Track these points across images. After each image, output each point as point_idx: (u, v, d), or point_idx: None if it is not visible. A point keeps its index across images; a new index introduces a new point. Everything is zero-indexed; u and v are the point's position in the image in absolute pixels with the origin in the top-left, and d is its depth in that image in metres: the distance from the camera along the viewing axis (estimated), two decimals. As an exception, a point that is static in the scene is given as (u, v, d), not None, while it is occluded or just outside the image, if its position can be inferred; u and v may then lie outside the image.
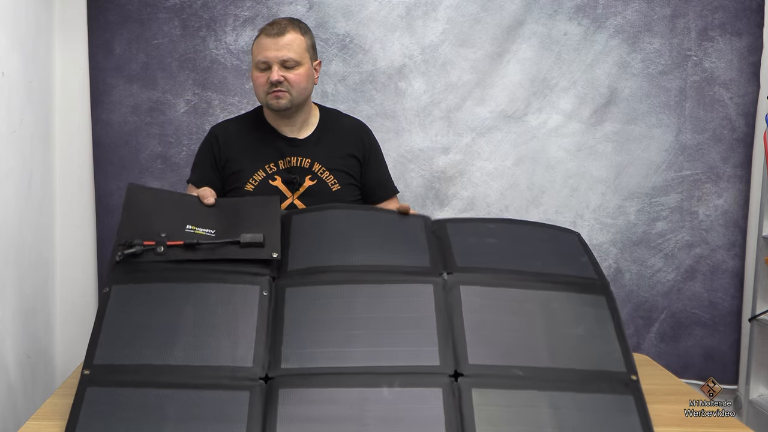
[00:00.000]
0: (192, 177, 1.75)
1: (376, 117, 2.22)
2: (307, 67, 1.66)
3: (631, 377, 1.18)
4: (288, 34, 1.63)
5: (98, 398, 1.12)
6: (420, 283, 1.28)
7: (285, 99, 1.63)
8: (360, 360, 1.16)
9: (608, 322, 1.26)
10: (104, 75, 2.17)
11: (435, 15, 2.22)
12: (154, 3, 2.17)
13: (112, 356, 1.18)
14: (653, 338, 2.28)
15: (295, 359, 1.17)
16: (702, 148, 2.26)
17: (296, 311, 1.24)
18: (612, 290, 1.33)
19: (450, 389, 1.12)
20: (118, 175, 2.19)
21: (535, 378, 1.16)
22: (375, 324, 1.22)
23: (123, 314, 1.24)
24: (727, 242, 2.27)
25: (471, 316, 1.23)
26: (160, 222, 1.36)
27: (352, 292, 1.27)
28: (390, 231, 1.42)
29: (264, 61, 1.62)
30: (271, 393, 1.12)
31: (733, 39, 2.22)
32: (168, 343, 1.19)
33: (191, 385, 1.13)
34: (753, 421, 2.18)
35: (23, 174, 1.86)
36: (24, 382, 1.83)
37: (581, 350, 1.21)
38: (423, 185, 2.26)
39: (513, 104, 2.24)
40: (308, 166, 1.69)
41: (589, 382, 1.16)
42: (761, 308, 2.19)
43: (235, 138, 1.72)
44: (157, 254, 1.31)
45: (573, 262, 1.39)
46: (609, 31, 2.22)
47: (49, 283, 2.10)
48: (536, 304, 1.27)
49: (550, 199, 2.27)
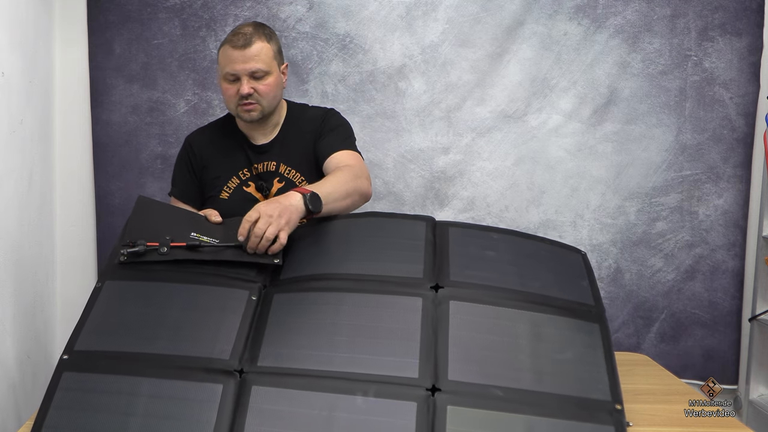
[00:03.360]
0: (173, 190, 1.75)
1: (376, 117, 2.22)
2: (276, 76, 1.64)
3: (616, 406, 1.13)
4: (254, 44, 1.59)
5: (72, 384, 1.12)
6: (409, 296, 1.26)
7: (256, 111, 1.62)
8: (338, 365, 1.15)
9: (599, 350, 1.22)
10: (104, 75, 2.17)
11: (435, 15, 2.22)
12: (154, 3, 2.17)
13: (93, 343, 1.18)
14: (653, 338, 2.28)
15: (273, 358, 1.16)
16: (702, 148, 2.26)
17: (281, 314, 1.24)
18: (606, 319, 1.29)
19: (425, 404, 1.09)
20: (118, 175, 2.19)
21: (515, 400, 1.12)
22: (358, 332, 1.20)
23: (111, 307, 1.25)
24: (727, 242, 2.27)
25: (457, 332, 1.20)
26: (165, 229, 1.37)
27: (339, 299, 1.26)
28: (389, 240, 1.40)
29: (232, 73, 1.59)
30: (244, 389, 1.11)
31: (733, 39, 2.23)
32: (150, 335, 1.19)
33: (165, 374, 1.12)
34: (753, 421, 2.18)
35: (23, 174, 1.86)
36: (24, 382, 1.83)
37: (567, 376, 1.17)
38: (423, 185, 2.26)
39: (513, 104, 2.24)
40: (275, 169, 1.69)
41: (569, 409, 1.12)
42: (761, 308, 2.19)
43: (208, 146, 1.72)
44: (160, 254, 1.31)
45: (572, 286, 1.35)
46: (609, 31, 2.22)
47: (49, 283, 2.10)
48: (526, 326, 1.23)
49: (550, 199, 2.27)
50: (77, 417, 1.08)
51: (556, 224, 2.27)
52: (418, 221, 1.46)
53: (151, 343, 1.18)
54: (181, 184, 1.74)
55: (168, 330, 1.21)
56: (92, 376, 1.13)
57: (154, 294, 1.28)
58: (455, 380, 1.13)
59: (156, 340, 1.19)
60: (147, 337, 1.19)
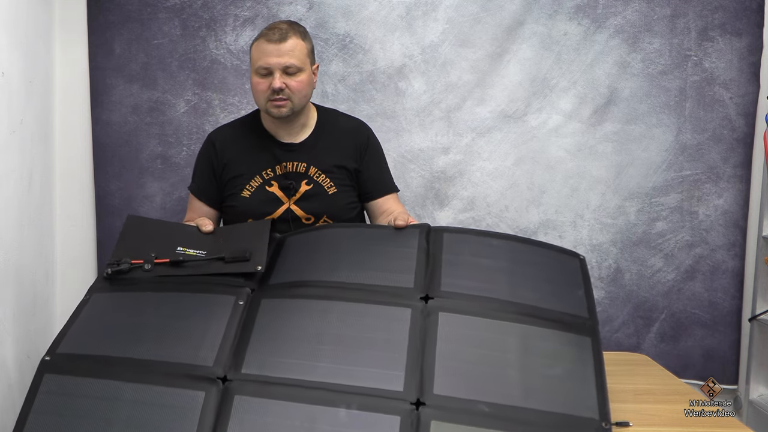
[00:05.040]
0: (192, 185, 1.77)
1: (376, 117, 2.22)
2: (308, 74, 1.65)
3: (603, 425, 1.11)
4: (290, 39, 1.60)
5: (53, 387, 1.11)
6: (398, 306, 1.24)
7: (286, 107, 1.62)
8: (322, 375, 1.13)
9: (589, 365, 1.20)
10: (104, 75, 2.17)
11: (435, 15, 2.22)
12: (154, 3, 2.17)
13: (76, 347, 1.18)
14: (653, 338, 2.28)
15: (257, 366, 1.15)
16: (702, 148, 2.26)
17: (267, 320, 1.23)
18: (599, 332, 1.27)
19: (409, 418, 1.07)
20: (118, 175, 2.19)
21: (501, 417, 1.10)
22: (344, 341, 1.18)
23: (96, 315, 1.25)
24: (727, 242, 2.27)
25: (445, 344, 1.18)
26: (152, 246, 1.39)
27: (327, 308, 1.24)
28: (381, 248, 1.39)
29: (265, 67, 1.60)
30: (227, 397, 1.10)
31: (733, 39, 2.22)
32: (133, 340, 1.19)
33: (148, 380, 1.11)
34: (753, 421, 2.18)
35: (23, 174, 1.86)
36: (24, 382, 1.83)
37: (555, 392, 1.15)
38: (423, 185, 2.26)
39: (513, 104, 2.24)
40: (304, 170, 1.69)
41: (556, 427, 1.10)
42: (761, 308, 2.19)
43: (232, 144, 1.72)
44: (144, 271, 1.33)
45: (567, 296, 1.32)
46: (609, 31, 2.22)
47: (49, 283, 2.10)
48: (516, 339, 1.21)
49: (550, 199, 2.27)
50: (58, 423, 1.07)
51: (556, 224, 2.27)
52: (411, 229, 1.44)
53: (135, 348, 1.17)
54: (199, 180, 1.75)
55: (152, 335, 1.20)
56: (74, 379, 1.12)
57: (140, 302, 1.27)
58: (441, 394, 1.11)
59: (139, 345, 1.17)
60: (130, 342, 1.18)
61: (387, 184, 1.79)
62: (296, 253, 1.40)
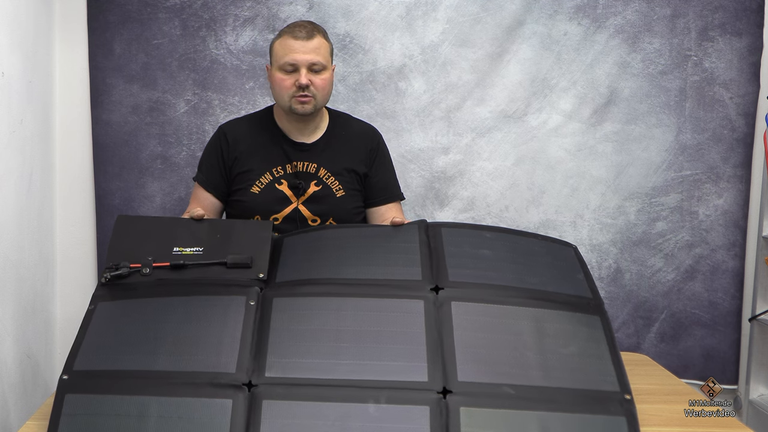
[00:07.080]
0: (198, 175, 1.75)
1: (376, 117, 2.22)
2: (330, 73, 1.66)
3: (625, 396, 1.15)
4: (316, 37, 1.62)
5: (77, 407, 1.09)
6: (411, 298, 1.26)
7: (310, 104, 1.63)
8: (346, 373, 1.14)
9: (602, 342, 1.23)
10: (104, 75, 2.17)
11: (435, 15, 2.22)
12: (154, 3, 2.17)
13: (92, 362, 1.16)
14: (653, 338, 2.28)
15: (280, 368, 1.15)
16: (702, 148, 2.26)
17: (283, 321, 1.23)
18: (606, 310, 1.31)
19: (438, 407, 1.09)
20: (118, 175, 2.19)
21: (526, 397, 1.12)
22: (363, 337, 1.20)
23: (106, 326, 1.23)
24: (727, 242, 2.27)
25: (462, 332, 1.20)
26: (147, 247, 1.37)
27: (341, 305, 1.25)
28: (383, 244, 1.40)
29: (292, 63, 1.60)
30: (254, 403, 1.10)
31: (733, 39, 2.22)
32: (150, 351, 1.17)
33: (172, 392, 1.10)
34: (753, 421, 2.18)
35: (23, 174, 1.86)
36: (24, 382, 1.83)
37: (574, 369, 1.18)
38: (423, 185, 2.26)
39: (513, 104, 2.24)
40: (314, 171, 1.69)
41: (581, 403, 1.13)
42: (761, 308, 2.19)
43: (243, 138, 1.71)
44: (143, 275, 1.31)
45: (568, 280, 1.36)
46: (609, 31, 2.22)
47: (49, 283, 2.10)
48: (529, 322, 1.24)
49: (550, 199, 2.27)
50: None
51: (556, 224, 2.27)
52: (409, 225, 1.45)
53: (153, 359, 1.16)
54: (207, 172, 1.73)
55: (168, 344, 1.18)
56: (96, 397, 1.10)
57: (148, 310, 1.25)
58: (465, 381, 1.14)
59: (157, 355, 1.16)
60: (147, 353, 1.17)
61: (393, 192, 1.80)
62: (298, 252, 1.40)
